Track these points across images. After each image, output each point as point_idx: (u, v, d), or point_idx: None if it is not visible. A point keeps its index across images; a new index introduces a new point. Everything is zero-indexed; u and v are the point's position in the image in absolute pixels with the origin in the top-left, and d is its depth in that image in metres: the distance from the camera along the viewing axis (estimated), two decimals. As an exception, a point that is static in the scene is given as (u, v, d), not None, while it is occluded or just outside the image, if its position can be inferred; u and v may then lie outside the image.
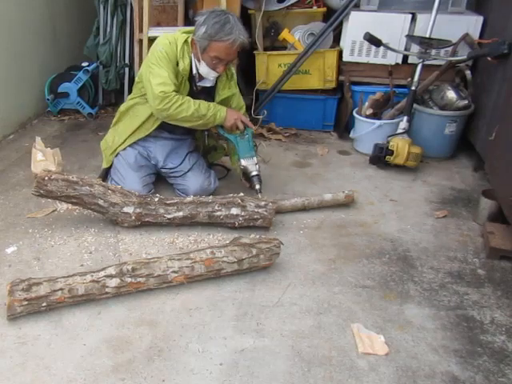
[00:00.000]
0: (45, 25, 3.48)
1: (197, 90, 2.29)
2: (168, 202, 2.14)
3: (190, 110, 2.18)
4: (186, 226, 2.19)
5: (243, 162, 2.32)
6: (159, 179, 2.54)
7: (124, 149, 2.43)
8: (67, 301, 1.68)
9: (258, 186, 2.31)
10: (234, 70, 2.43)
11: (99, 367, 1.50)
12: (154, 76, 2.16)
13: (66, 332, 1.63)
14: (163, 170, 2.48)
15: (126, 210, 2.07)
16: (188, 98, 2.21)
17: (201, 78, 2.27)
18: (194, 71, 2.24)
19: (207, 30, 2.08)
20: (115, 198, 2.07)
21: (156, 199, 2.13)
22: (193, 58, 2.22)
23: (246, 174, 2.36)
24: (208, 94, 2.32)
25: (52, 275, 1.78)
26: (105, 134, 3.30)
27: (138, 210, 2.08)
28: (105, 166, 2.52)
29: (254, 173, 2.32)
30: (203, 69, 2.20)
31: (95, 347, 1.57)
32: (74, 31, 3.80)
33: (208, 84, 2.29)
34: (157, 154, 2.44)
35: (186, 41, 2.22)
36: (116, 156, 2.45)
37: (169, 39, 2.22)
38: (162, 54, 2.18)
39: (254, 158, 2.33)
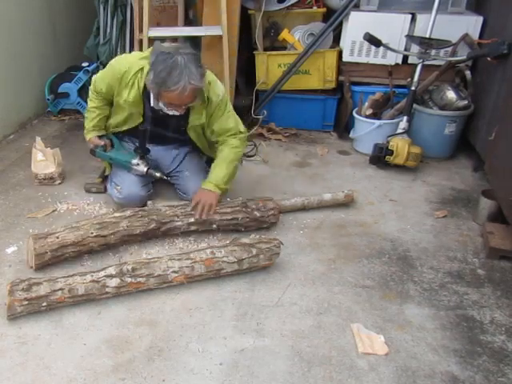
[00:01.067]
0: (45, 25, 3.48)
1: (165, 115, 2.08)
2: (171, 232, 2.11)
3: (86, 111, 2.31)
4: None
5: (133, 171, 2.30)
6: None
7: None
8: (67, 301, 1.68)
9: (158, 174, 2.28)
10: (215, 93, 2.11)
11: (99, 367, 1.50)
12: (100, 73, 2.23)
13: (66, 332, 1.63)
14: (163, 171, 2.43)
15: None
16: (91, 107, 2.27)
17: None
18: (152, 104, 2.07)
19: (154, 79, 1.90)
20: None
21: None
22: (151, 92, 2.03)
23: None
24: (179, 118, 2.14)
25: (52, 275, 1.79)
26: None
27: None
28: (108, 172, 2.44)
29: (145, 169, 2.27)
30: (163, 107, 2.03)
31: (95, 347, 1.57)
32: (73, 31, 3.80)
33: (175, 113, 2.05)
34: (153, 154, 2.35)
35: (141, 69, 2.04)
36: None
37: (119, 63, 2.12)
38: (108, 68, 2.16)
39: (134, 161, 2.27)
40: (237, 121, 2.24)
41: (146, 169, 2.27)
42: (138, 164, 2.27)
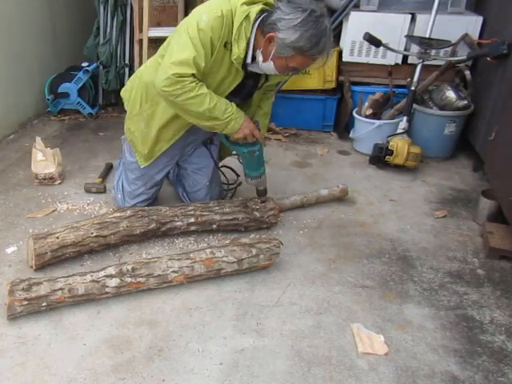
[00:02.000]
0: (45, 25, 3.49)
1: (246, 74, 1.89)
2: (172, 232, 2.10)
3: (202, 106, 1.78)
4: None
5: (249, 181, 2.14)
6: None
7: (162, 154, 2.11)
8: (67, 301, 1.68)
9: (263, 199, 2.19)
10: None
11: (99, 367, 1.50)
12: (179, 48, 1.74)
13: (66, 332, 1.63)
14: (182, 165, 2.27)
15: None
16: (206, 91, 1.79)
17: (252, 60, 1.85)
18: (249, 60, 1.82)
19: (299, 41, 1.67)
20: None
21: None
22: (251, 42, 1.78)
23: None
24: (255, 76, 1.95)
25: (52, 275, 1.79)
26: (105, 134, 3.29)
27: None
28: (144, 164, 2.14)
29: (261, 188, 2.17)
30: (267, 66, 1.81)
31: (95, 347, 1.57)
32: (73, 31, 3.80)
33: (259, 71, 1.88)
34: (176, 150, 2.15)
35: (247, 16, 1.73)
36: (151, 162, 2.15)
37: (223, 12, 1.71)
38: (203, 31, 1.72)
39: (262, 177, 2.13)
40: None
41: (264, 188, 2.18)
42: (263, 180, 2.15)
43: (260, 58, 1.80)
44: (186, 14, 3.44)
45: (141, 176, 2.19)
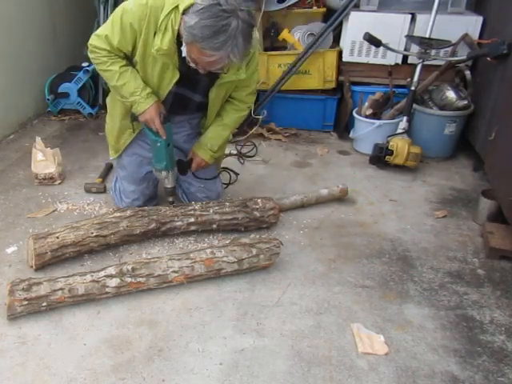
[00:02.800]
0: (45, 25, 3.48)
1: (195, 70, 1.76)
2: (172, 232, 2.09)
3: (111, 81, 1.86)
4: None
5: (154, 172, 2.10)
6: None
7: (125, 149, 2.17)
8: (67, 301, 1.68)
9: (169, 199, 2.12)
10: (255, 49, 1.89)
11: (99, 367, 1.50)
12: (104, 24, 1.83)
13: (66, 332, 1.63)
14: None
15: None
16: (116, 69, 1.83)
17: None
18: (184, 53, 1.74)
19: (194, 28, 1.56)
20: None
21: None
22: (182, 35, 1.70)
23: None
24: (212, 74, 1.83)
25: (52, 275, 1.79)
26: (105, 134, 3.30)
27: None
28: (114, 155, 2.23)
29: (167, 186, 2.10)
30: (188, 59, 1.73)
31: (95, 347, 1.57)
32: (73, 31, 3.80)
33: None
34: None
35: (176, 7, 1.68)
36: (120, 156, 2.21)
37: (149, 2, 1.72)
38: (125, 15, 1.75)
39: (163, 173, 2.05)
40: (257, 80, 2.06)
41: (170, 186, 2.10)
42: (167, 178, 2.07)
43: (183, 46, 1.72)
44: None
45: (126, 173, 2.23)
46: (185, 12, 1.65)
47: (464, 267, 2.01)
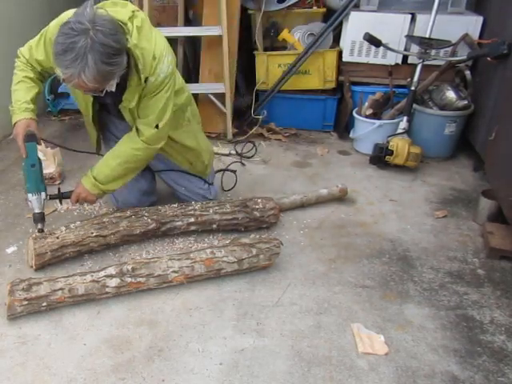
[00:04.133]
0: (45, 25, 3.46)
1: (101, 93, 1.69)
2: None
3: (12, 84, 1.88)
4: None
5: (29, 197, 1.89)
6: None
7: (106, 148, 2.13)
8: (67, 301, 1.68)
9: (39, 226, 1.90)
10: (157, 72, 1.74)
11: (99, 367, 1.50)
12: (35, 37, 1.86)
13: (66, 332, 1.63)
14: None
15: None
16: (19, 76, 1.87)
17: None
18: None
19: (53, 47, 1.54)
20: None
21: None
22: None
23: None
24: (114, 96, 1.79)
25: (52, 275, 1.79)
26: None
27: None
28: (94, 147, 2.20)
29: (35, 210, 1.90)
30: None
31: (95, 347, 1.57)
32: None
33: (107, 89, 1.67)
34: None
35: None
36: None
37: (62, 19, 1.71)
38: (47, 32, 1.79)
39: (28, 195, 1.89)
40: (162, 114, 1.83)
41: (36, 211, 1.90)
42: (30, 201, 1.89)
43: None
44: (186, 14, 3.44)
45: None
46: None
47: (464, 267, 2.01)
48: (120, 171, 1.90)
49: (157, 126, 1.84)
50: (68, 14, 1.68)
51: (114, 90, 1.68)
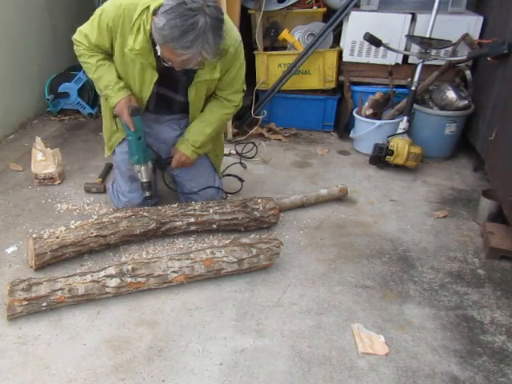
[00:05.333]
0: (45, 25, 3.48)
1: (173, 69, 1.78)
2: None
3: (89, 74, 1.94)
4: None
5: (137, 168, 2.08)
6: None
7: (117, 148, 2.17)
8: (67, 301, 1.68)
9: (146, 194, 2.12)
10: (233, 42, 1.87)
11: (99, 367, 1.50)
12: (86, 23, 1.93)
13: (66, 332, 1.63)
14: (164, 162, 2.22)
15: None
16: (93, 62, 1.90)
17: None
18: (159, 52, 1.74)
19: (164, 29, 1.56)
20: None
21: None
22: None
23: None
24: (188, 71, 1.85)
25: (52, 275, 1.79)
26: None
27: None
28: (108, 153, 2.27)
29: (143, 180, 2.10)
30: (163, 57, 1.75)
31: (95, 347, 1.57)
32: (74, 31, 3.77)
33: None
34: (154, 135, 2.15)
35: (147, 7, 1.71)
36: (114, 154, 2.22)
37: (123, 4, 1.77)
38: (102, 15, 1.82)
39: (136, 166, 2.06)
40: (244, 77, 2.03)
41: (145, 180, 2.10)
42: (139, 171, 2.08)
43: (157, 45, 1.72)
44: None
45: (120, 172, 2.23)
46: (155, 12, 1.67)
47: (464, 267, 2.01)
48: (213, 135, 2.10)
49: (243, 90, 2.06)
50: (126, 4, 1.76)
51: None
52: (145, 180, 2.11)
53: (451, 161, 3.00)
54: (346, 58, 3.14)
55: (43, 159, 2.53)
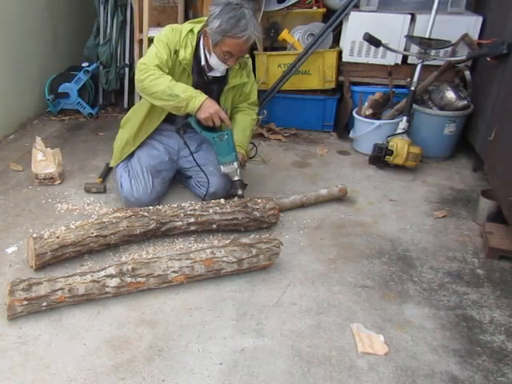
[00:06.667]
0: (45, 25, 3.49)
1: (208, 80, 2.26)
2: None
3: (163, 85, 2.07)
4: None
5: (223, 169, 2.22)
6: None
7: (137, 148, 2.39)
8: (67, 300, 1.68)
9: (239, 192, 2.24)
10: (248, 59, 2.38)
11: (99, 367, 1.50)
12: (145, 54, 2.21)
13: (66, 332, 1.63)
14: (182, 161, 2.44)
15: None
16: (168, 76, 2.11)
17: (210, 68, 2.22)
18: (203, 62, 2.21)
19: (221, 25, 2.01)
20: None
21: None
22: (201, 49, 2.19)
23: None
24: (219, 83, 2.30)
25: (52, 275, 1.79)
26: (105, 134, 3.31)
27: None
28: (112, 164, 2.50)
29: (236, 178, 2.23)
30: (213, 61, 2.16)
31: (95, 347, 1.57)
32: (73, 31, 3.80)
33: (218, 74, 2.24)
34: (171, 143, 2.41)
35: (191, 30, 2.19)
36: (132, 156, 2.40)
37: (173, 27, 2.21)
38: (161, 38, 2.17)
39: (235, 163, 2.20)
40: (257, 90, 2.48)
41: (239, 178, 2.22)
42: (236, 168, 2.20)
43: (207, 54, 2.18)
44: (186, 14, 3.45)
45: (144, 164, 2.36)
46: (200, 32, 2.19)
47: (464, 267, 2.02)
48: (250, 137, 2.49)
49: (256, 103, 2.51)
50: (174, 26, 2.22)
51: (224, 72, 2.24)
52: (236, 178, 2.23)
53: (451, 161, 3.00)
54: (346, 58, 3.14)
55: (43, 159, 2.53)
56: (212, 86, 2.27)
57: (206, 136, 2.19)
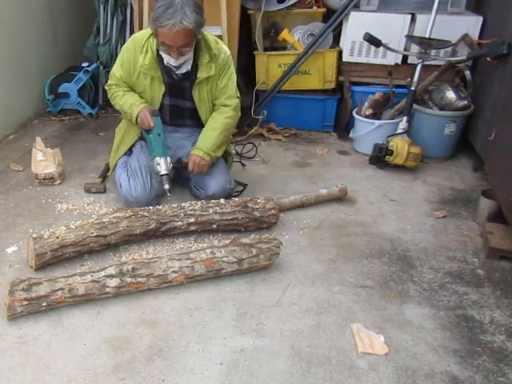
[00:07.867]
0: (45, 25, 3.48)
1: (178, 78, 2.23)
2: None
3: (118, 104, 2.30)
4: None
5: (151, 165, 2.26)
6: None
7: (136, 148, 2.40)
8: (67, 301, 1.68)
9: (166, 186, 2.21)
10: (223, 50, 2.26)
11: (99, 367, 1.50)
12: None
13: (66, 332, 1.63)
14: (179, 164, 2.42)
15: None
16: (121, 94, 2.28)
17: (178, 66, 2.16)
18: (165, 61, 2.15)
19: (153, 15, 2.01)
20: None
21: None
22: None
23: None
24: (190, 79, 2.25)
25: (52, 275, 1.79)
26: (105, 135, 3.31)
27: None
28: (110, 171, 2.55)
29: (162, 172, 2.21)
30: (164, 57, 2.13)
31: (95, 347, 1.57)
32: (73, 31, 3.80)
33: (184, 70, 2.18)
34: (172, 144, 2.36)
35: (152, 34, 2.15)
36: (131, 156, 2.42)
37: (134, 36, 2.28)
38: (120, 53, 2.28)
39: (156, 159, 2.21)
40: (236, 85, 2.36)
41: (164, 172, 2.21)
42: (159, 164, 2.20)
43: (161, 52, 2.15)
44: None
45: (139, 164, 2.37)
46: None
47: (464, 267, 2.01)
48: (221, 139, 2.32)
49: (237, 96, 2.36)
50: (135, 35, 2.27)
51: (189, 68, 2.18)
52: (164, 172, 2.21)
53: (451, 161, 3.00)
54: (346, 58, 3.14)
55: (43, 159, 2.53)
56: (184, 84, 2.26)
57: (144, 136, 2.32)
